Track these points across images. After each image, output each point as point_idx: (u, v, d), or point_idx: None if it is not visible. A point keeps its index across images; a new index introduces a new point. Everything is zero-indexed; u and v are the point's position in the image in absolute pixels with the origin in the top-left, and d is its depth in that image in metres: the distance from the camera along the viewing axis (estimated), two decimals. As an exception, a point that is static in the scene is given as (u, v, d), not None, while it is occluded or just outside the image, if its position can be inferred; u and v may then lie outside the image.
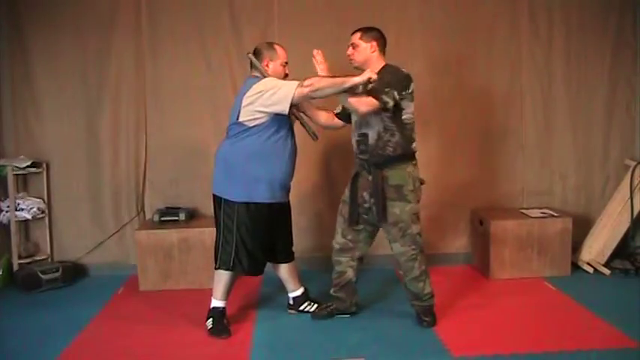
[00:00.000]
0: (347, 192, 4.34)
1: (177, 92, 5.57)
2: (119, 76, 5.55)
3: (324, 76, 3.98)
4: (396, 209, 4.09)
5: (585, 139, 5.84)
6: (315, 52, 4.28)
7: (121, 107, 5.58)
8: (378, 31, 4.19)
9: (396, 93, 3.92)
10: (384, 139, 4.04)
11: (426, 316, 4.26)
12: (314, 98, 4.05)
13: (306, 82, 3.91)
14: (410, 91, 4.04)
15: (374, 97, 3.88)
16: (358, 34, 4.16)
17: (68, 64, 5.49)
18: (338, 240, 4.40)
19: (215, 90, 5.51)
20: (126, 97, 5.57)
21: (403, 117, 4.04)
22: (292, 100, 3.94)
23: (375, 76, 3.87)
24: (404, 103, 4.02)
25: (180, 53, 5.54)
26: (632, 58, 5.79)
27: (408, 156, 4.12)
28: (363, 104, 3.90)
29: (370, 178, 4.13)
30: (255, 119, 4.03)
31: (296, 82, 3.95)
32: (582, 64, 5.77)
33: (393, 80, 3.99)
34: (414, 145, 4.14)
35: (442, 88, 5.67)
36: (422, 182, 4.23)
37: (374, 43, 4.13)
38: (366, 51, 4.13)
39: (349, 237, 4.35)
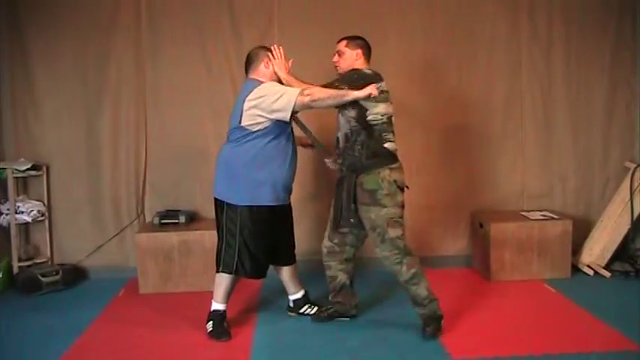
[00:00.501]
0: (334, 195, 4.35)
1: (177, 95, 5.57)
2: (119, 78, 5.55)
3: (324, 86, 3.99)
4: (372, 214, 4.06)
5: (585, 141, 5.84)
6: (275, 47, 4.26)
7: (121, 110, 5.58)
8: (364, 40, 4.24)
9: (346, 88, 3.94)
10: (352, 139, 4.06)
11: (427, 325, 4.14)
12: (313, 108, 4.06)
13: (307, 92, 3.93)
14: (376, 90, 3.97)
15: (325, 87, 4.00)
16: (344, 42, 4.22)
17: (68, 66, 5.50)
18: (325, 243, 4.42)
19: (215, 93, 5.52)
20: (126, 99, 5.58)
21: (368, 118, 4.02)
22: (294, 108, 3.96)
23: (376, 92, 3.90)
24: (366, 104, 3.99)
25: (180, 56, 5.54)
26: (632, 60, 5.79)
27: (383, 158, 4.07)
28: (314, 93, 3.98)
29: (346, 182, 4.14)
30: (257, 124, 4.03)
31: (297, 90, 3.96)
32: (582, 66, 5.77)
33: (347, 77, 4.06)
34: (386, 145, 4.07)
35: (442, 90, 5.67)
36: (404, 187, 4.14)
37: (359, 51, 4.18)
38: (351, 58, 4.17)
39: (335, 240, 4.36)
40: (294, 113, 4.01)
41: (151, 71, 5.57)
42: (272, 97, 3.97)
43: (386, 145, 4.08)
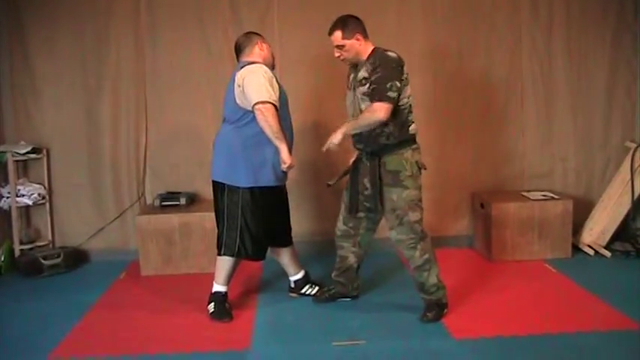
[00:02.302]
0: (348, 179, 4.28)
1: (176, 77, 5.56)
2: (118, 61, 5.53)
3: (377, 96, 3.83)
4: (393, 195, 3.97)
5: (586, 122, 5.82)
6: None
7: (121, 93, 5.57)
8: (353, 18, 4.03)
9: (397, 83, 3.83)
10: (377, 129, 3.92)
11: (429, 311, 4.12)
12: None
13: (266, 107, 3.93)
14: (405, 75, 3.92)
15: (380, 99, 3.80)
16: (338, 35, 3.98)
17: (67, 49, 5.48)
18: (339, 227, 4.37)
19: (215, 75, 5.47)
20: (126, 82, 5.56)
21: (399, 103, 3.90)
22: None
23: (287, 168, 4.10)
24: (401, 88, 3.89)
25: (180, 39, 5.52)
26: (633, 40, 5.75)
27: (406, 141, 3.98)
28: (378, 112, 3.81)
29: (369, 164, 4.05)
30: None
31: (265, 96, 3.94)
32: (583, 47, 5.74)
33: (389, 71, 3.85)
34: (411, 128, 3.99)
35: (443, 71, 5.65)
36: (423, 167, 4.08)
37: (357, 35, 3.96)
38: (354, 47, 3.98)
39: (350, 224, 4.30)
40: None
41: (150, 54, 5.55)
42: (245, 89, 3.99)
43: (410, 129, 3.99)
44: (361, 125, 3.92)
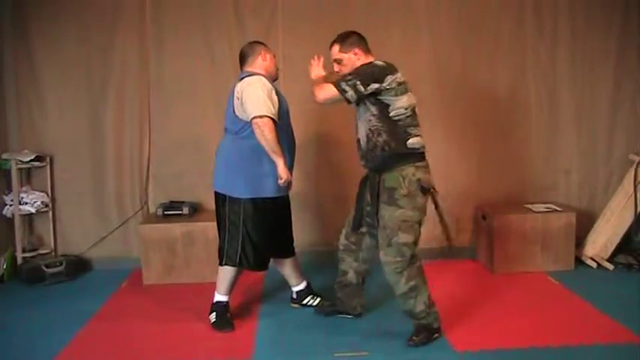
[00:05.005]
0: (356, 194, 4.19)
1: (181, 86, 5.57)
2: (123, 69, 5.54)
3: (336, 83, 3.82)
4: (385, 213, 3.82)
5: (589, 135, 5.82)
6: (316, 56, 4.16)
7: (125, 101, 5.58)
8: (354, 34, 4.02)
9: (358, 82, 3.72)
10: (372, 140, 3.84)
11: (416, 335, 3.94)
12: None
13: (264, 121, 3.92)
14: (388, 84, 3.76)
15: (333, 84, 3.80)
16: (336, 48, 3.99)
17: (72, 57, 5.49)
18: (342, 241, 4.28)
19: (219, 85, 5.47)
20: (130, 91, 5.58)
21: (391, 114, 3.81)
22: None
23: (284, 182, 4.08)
24: (387, 99, 3.79)
25: (185, 48, 5.53)
26: (637, 54, 5.75)
27: (406, 156, 3.82)
28: (321, 91, 3.85)
29: (370, 181, 3.99)
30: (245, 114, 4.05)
31: (263, 110, 3.94)
32: (587, 60, 5.74)
33: (360, 71, 3.81)
34: (410, 141, 3.81)
35: (447, 85, 5.65)
36: (431, 188, 3.94)
37: (355, 50, 3.95)
38: (351, 61, 3.94)
39: (352, 239, 4.21)
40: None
41: (155, 63, 5.56)
42: (244, 102, 3.99)
43: (411, 141, 3.82)
44: (315, 87, 3.95)
